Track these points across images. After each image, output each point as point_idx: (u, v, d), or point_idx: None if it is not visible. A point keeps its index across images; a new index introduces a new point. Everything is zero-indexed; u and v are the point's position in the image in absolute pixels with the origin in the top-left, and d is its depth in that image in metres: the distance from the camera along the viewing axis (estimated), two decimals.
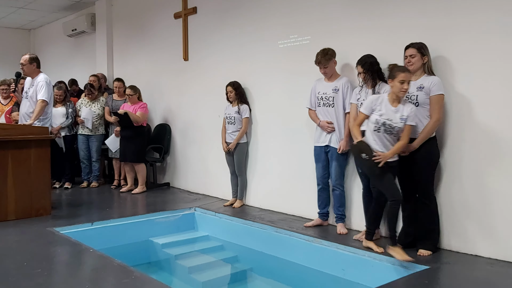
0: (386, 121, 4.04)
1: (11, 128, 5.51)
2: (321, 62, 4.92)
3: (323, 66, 4.93)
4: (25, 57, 6.06)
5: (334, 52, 4.95)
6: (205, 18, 7.02)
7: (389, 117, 4.04)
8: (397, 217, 4.14)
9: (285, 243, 4.95)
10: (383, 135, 4.08)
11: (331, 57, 4.92)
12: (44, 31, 11.83)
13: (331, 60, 4.93)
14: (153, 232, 5.57)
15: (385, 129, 4.06)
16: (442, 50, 4.29)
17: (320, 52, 4.93)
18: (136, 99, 7.16)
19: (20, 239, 4.66)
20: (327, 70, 4.95)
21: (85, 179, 7.71)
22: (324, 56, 4.90)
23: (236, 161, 6.17)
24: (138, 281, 3.51)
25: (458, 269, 3.88)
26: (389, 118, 4.04)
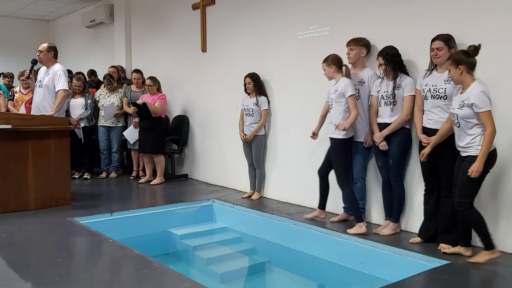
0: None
1: (31, 119, 5.54)
2: (349, 43, 4.87)
3: (349, 47, 4.86)
4: (43, 45, 6.06)
5: (368, 44, 4.89)
6: (223, 9, 6.99)
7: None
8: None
9: (303, 235, 4.93)
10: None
11: (361, 44, 4.85)
12: (63, 22, 11.90)
13: (360, 46, 4.85)
14: (172, 223, 5.59)
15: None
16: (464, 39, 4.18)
17: (356, 37, 4.88)
18: (155, 90, 7.17)
19: (41, 228, 4.71)
20: (352, 54, 4.87)
21: (104, 170, 7.77)
22: (355, 39, 4.85)
23: (254, 153, 6.15)
24: (157, 272, 3.52)
25: (479, 265, 3.81)
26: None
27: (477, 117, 3.66)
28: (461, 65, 3.71)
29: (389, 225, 4.63)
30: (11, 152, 5.26)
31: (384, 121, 4.60)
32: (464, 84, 3.77)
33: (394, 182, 4.59)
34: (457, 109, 3.76)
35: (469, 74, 3.73)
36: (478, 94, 3.64)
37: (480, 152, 3.63)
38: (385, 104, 4.59)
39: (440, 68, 4.18)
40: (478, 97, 3.64)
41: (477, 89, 3.67)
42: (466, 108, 3.69)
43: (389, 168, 4.60)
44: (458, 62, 3.72)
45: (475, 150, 3.69)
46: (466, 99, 3.69)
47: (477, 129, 3.70)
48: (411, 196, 4.65)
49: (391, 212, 4.65)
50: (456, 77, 3.78)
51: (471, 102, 3.65)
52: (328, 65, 4.81)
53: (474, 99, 3.64)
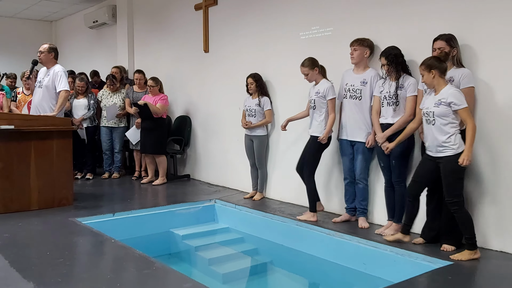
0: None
1: (34, 119, 5.54)
2: (353, 44, 4.87)
3: (353, 48, 4.86)
4: (44, 46, 6.07)
5: (372, 45, 4.89)
6: (225, 10, 6.99)
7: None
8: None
9: (305, 236, 4.92)
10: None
11: (365, 45, 4.85)
12: (66, 23, 11.92)
13: (363, 46, 4.84)
14: (174, 224, 5.59)
15: None
16: (467, 39, 4.20)
17: (359, 37, 4.88)
18: (157, 90, 7.17)
19: (43, 229, 4.71)
20: (355, 54, 4.86)
21: (107, 170, 7.77)
22: (359, 40, 4.85)
23: (256, 154, 6.15)
24: (159, 272, 3.52)
25: (482, 265, 3.81)
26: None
27: (452, 115, 3.88)
28: (433, 70, 3.94)
29: (391, 225, 4.62)
30: (13, 152, 5.27)
31: (386, 121, 4.59)
32: (437, 87, 3.98)
33: (397, 182, 4.58)
34: (433, 107, 3.94)
35: (441, 78, 3.96)
36: (455, 93, 3.87)
37: (466, 143, 3.82)
38: (387, 104, 4.59)
39: None
40: (455, 95, 3.86)
41: (452, 89, 3.91)
42: (443, 106, 3.88)
43: (391, 168, 4.59)
44: (431, 67, 3.95)
45: (451, 150, 3.88)
46: (443, 98, 3.89)
47: (451, 128, 3.90)
48: None
49: (394, 213, 4.64)
50: (429, 81, 3.99)
51: (449, 101, 3.85)
52: (312, 68, 5.07)
53: (452, 98, 3.85)
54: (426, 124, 4.06)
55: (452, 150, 3.88)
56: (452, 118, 3.89)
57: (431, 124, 3.98)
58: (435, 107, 3.93)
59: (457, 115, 3.87)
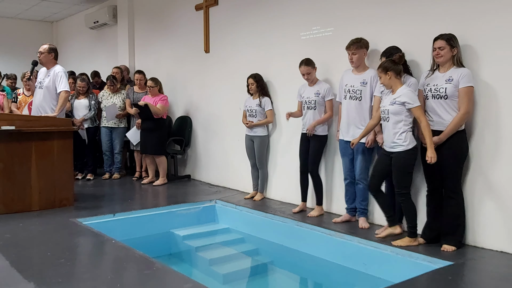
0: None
1: (35, 120, 5.55)
2: (351, 48, 4.84)
3: (351, 51, 4.84)
4: (44, 47, 6.08)
5: (367, 44, 4.87)
6: (226, 10, 6.99)
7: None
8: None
9: (306, 236, 4.92)
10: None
11: (362, 46, 4.83)
12: (66, 24, 11.93)
13: (361, 48, 4.83)
14: (174, 224, 5.59)
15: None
16: (469, 39, 4.19)
17: (353, 39, 4.87)
18: (157, 91, 7.18)
19: (44, 229, 4.72)
20: (355, 58, 4.85)
21: (107, 171, 7.78)
22: (356, 43, 4.82)
23: (257, 154, 6.15)
24: (159, 272, 3.53)
25: (482, 266, 3.82)
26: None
27: (405, 114, 4.16)
28: (389, 72, 4.25)
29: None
30: (14, 153, 5.28)
31: None
32: (394, 87, 4.28)
33: None
34: (389, 105, 4.24)
35: (397, 79, 4.27)
36: (409, 93, 4.17)
37: (427, 142, 4.05)
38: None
39: (442, 68, 4.17)
40: (408, 95, 4.16)
41: (406, 89, 4.22)
42: (397, 105, 4.18)
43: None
44: (386, 69, 4.26)
45: (401, 147, 4.19)
46: (398, 97, 4.19)
47: (403, 126, 4.18)
48: (414, 197, 4.63)
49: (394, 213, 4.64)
50: (386, 82, 4.29)
51: (403, 100, 4.15)
52: (313, 68, 5.30)
53: (406, 97, 4.15)
54: (382, 121, 4.36)
55: (402, 147, 4.17)
56: (405, 116, 4.16)
57: (386, 121, 4.28)
58: (390, 106, 4.23)
59: (410, 113, 4.15)
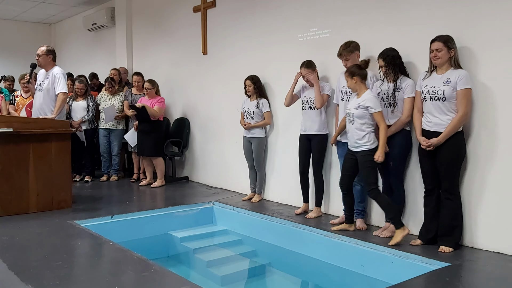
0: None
1: (33, 122, 5.55)
2: (343, 54, 4.85)
3: (344, 58, 4.86)
4: (42, 49, 6.08)
5: (357, 45, 4.88)
6: (224, 12, 7.00)
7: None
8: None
9: (303, 238, 4.93)
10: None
11: (353, 50, 4.84)
12: (65, 25, 11.93)
13: (353, 52, 4.84)
14: (172, 226, 5.59)
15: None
16: (466, 41, 4.21)
17: (343, 44, 4.87)
18: (154, 93, 7.18)
19: (41, 231, 4.71)
20: (349, 63, 4.87)
21: (105, 173, 7.78)
22: (346, 48, 4.83)
23: (254, 156, 6.16)
24: (157, 274, 3.53)
25: (480, 267, 3.82)
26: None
27: (368, 117, 4.42)
28: (355, 76, 4.51)
29: (389, 227, 4.62)
30: (12, 155, 5.27)
31: None
32: (359, 91, 4.53)
33: (395, 184, 4.59)
34: (353, 109, 4.49)
35: (362, 83, 4.53)
36: (372, 98, 4.43)
37: (380, 143, 4.36)
38: (385, 106, 4.59)
39: (439, 70, 4.18)
40: (372, 100, 4.41)
41: (370, 94, 4.48)
42: (361, 109, 4.43)
43: (389, 170, 4.60)
44: (353, 74, 4.52)
45: (365, 146, 4.44)
46: (362, 102, 4.44)
47: (367, 128, 4.45)
48: (412, 198, 4.65)
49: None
50: (352, 86, 4.55)
51: (367, 105, 4.40)
52: (314, 70, 5.31)
53: (369, 102, 4.40)
54: (347, 123, 4.60)
55: (366, 146, 4.44)
56: (368, 119, 4.43)
57: (351, 123, 4.53)
58: (355, 109, 4.48)
59: (373, 117, 4.40)
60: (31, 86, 6.45)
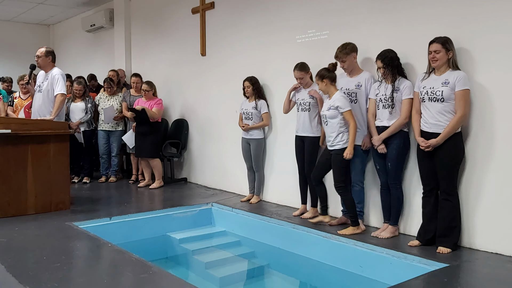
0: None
1: (31, 123, 5.55)
2: (339, 57, 4.87)
3: (341, 60, 4.88)
4: (41, 50, 6.07)
5: (354, 47, 4.89)
6: (222, 13, 7.01)
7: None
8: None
9: (302, 239, 4.93)
10: None
11: (350, 51, 4.85)
12: (63, 27, 11.93)
13: (349, 54, 4.85)
14: (170, 227, 5.59)
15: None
16: (464, 42, 4.22)
17: (339, 46, 4.88)
18: (151, 95, 7.19)
19: (40, 233, 4.71)
20: (346, 65, 4.89)
21: (104, 174, 7.77)
22: (342, 50, 4.84)
23: (253, 157, 6.16)
24: (155, 276, 3.53)
25: (478, 268, 3.83)
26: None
27: (340, 117, 4.66)
28: (325, 79, 4.76)
29: (387, 228, 4.63)
30: (10, 156, 5.27)
31: (382, 124, 4.61)
32: (330, 93, 4.79)
33: (393, 185, 4.60)
34: (326, 111, 4.76)
35: (332, 85, 4.79)
36: (341, 98, 4.69)
37: (349, 141, 4.63)
38: (383, 107, 4.60)
39: (438, 71, 4.19)
40: (341, 100, 4.67)
41: (339, 95, 4.73)
42: (332, 110, 4.69)
43: (387, 171, 4.60)
44: (322, 77, 4.77)
45: (338, 145, 4.72)
46: (333, 103, 4.70)
47: (340, 128, 4.70)
48: (410, 199, 4.66)
49: (390, 215, 4.66)
50: (323, 88, 4.82)
51: (336, 105, 4.66)
52: (307, 72, 5.41)
53: (339, 102, 4.66)
54: (323, 124, 4.90)
55: (339, 145, 4.70)
56: (340, 119, 4.67)
57: (325, 124, 4.81)
58: (327, 111, 4.74)
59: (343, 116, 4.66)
60: (30, 87, 6.44)
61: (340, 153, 4.67)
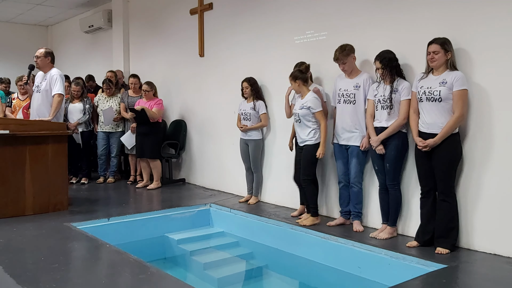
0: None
1: (29, 124, 5.54)
2: (339, 59, 4.88)
3: (341, 62, 4.89)
4: (40, 51, 6.07)
5: (352, 48, 4.90)
6: (221, 14, 7.01)
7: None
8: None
9: (300, 240, 4.93)
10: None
11: (349, 53, 4.86)
12: (61, 28, 11.92)
13: (349, 56, 4.86)
14: (169, 228, 5.58)
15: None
16: (462, 43, 4.22)
17: (338, 49, 4.89)
18: (152, 95, 7.18)
19: (38, 234, 4.70)
20: (346, 67, 4.90)
21: (102, 175, 7.76)
22: (342, 52, 4.85)
23: (251, 158, 6.16)
24: (153, 277, 3.52)
25: (476, 268, 3.83)
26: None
27: (311, 116, 5.00)
28: (298, 80, 5.06)
29: (386, 229, 4.63)
30: (8, 157, 5.26)
31: (381, 125, 4.61)
32: (302, 93, 5.12)
33: (391, 186, 4.60)
34: (298, 110, 5.06)
35: (304, 85, 5.10)
36: (313, 99, 5.00)
37: (321, 140, 4.98)
38: (382, 108, 4.61)
39: (436, 71, 4.20)
40: (313, 101, 4.99)
41: (311, 96, 5.03)
42: (304, 109, 5.01)
43: (386, 172, 4.60)
44: (296, 78, 5.08)
45: (310, 141, 5.04)
46: (305, 103, 5.02)
47: (312, 125, 5.03)
48: (408, 200, 4.66)
49: (388, 216, 4.66)
50: (296, 89, 5.14)
51: (308, 105, 4.99)
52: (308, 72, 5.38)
53: (310, 103, 4.98)
54: (295, 122, 5.18)
55: (310, 141, 5.03)
56: (311, 117, 5.00)
57: (298, 122, 5.11)
58: (299, 110, 5.03)
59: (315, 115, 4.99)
60: (28, 87, 6.42)
61: (311, 148, 5.01)
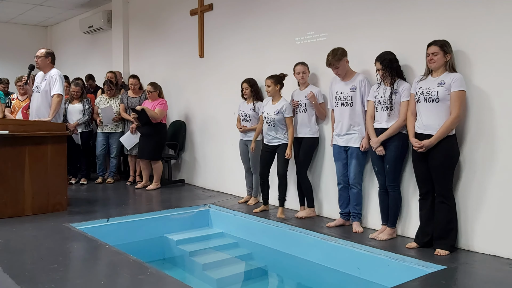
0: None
1: (28, 124, 5.54)
2: (332, 64, 4.88)
3: (334, 67, 4.90)
4: (41, 51, 6.07)
5: (344, 51, 4.90)
6: (221, 15, 7.01)
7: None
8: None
9: (300, 241, 4.92)
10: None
11: (341, 57, 4.86)
12: (61, 28, 11.92)
13: (341, 60, 4.87)
14: (168, 229, 5.58)
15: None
16: (462, 45, 4.22)
17: (330, 53, 4.89)
18: (156, 95, 7.17)
19: (37, 234, 4.69)
20: (339, 71, 4.91)
21: (101, 175, 7.75)
22: (334, 57, 4.86)
23: (251, 159, 6.15)
24: (153, 277, 3.52)
25: (476, 270, 3.83)
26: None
27: (284, 120, 5.36)
28: (278, 84, 5.45)
29: (385, 230, 4.63)
30: (8, 157, 5.26)
31: (381, 126, 4.61)
32: (275, 97, 5.49)
33: (391, 187, 4.60)
34: (274, 115, 5.40)
35: (279, 91, 5.49)
36: (288, 106, 5.40)
37: (288, 144, 5.36)
38: (382, 109, 4.61)
39: (435, 73, 4.20)
40: (288, 108, 5.37)
41: (287, 102, 5.42)
42: (280, 114, 5.35)
43: (385, 173, 4.60)
44: (277, 81, 5.45)
45: (282, 141, 5.43)
46: (280, 108, 5.37)
47: (284, 127, 5.41)
48: (408, 201, 4.66)
49: (388, 217, 4.66)
50: (273, 92, 5.46)
51: (283, 110, 5.34)
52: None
53: (286, 109, 5.35)
54: (266, 125, 5.50)
55: (284, 141, 5.41)
56: (283, 121, 5.39)
57: (271, 125, 5.43)
58: (275, 115, 5.38)
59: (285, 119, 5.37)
60: (28, 87, 6.42)
61: (285, 148, 5.37)
